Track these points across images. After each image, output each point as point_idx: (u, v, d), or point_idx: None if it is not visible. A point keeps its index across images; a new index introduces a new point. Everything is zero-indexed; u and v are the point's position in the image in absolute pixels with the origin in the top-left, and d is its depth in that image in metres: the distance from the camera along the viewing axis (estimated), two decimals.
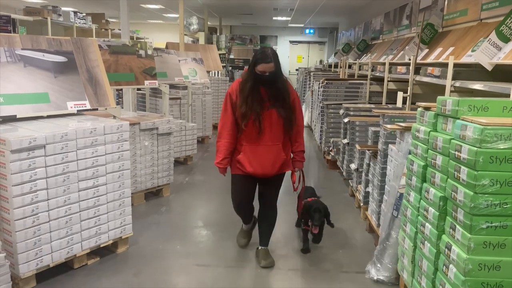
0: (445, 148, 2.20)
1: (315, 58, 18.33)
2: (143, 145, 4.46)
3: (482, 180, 1.92)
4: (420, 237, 2.48)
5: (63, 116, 3.32)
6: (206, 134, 7.82)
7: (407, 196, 2.71)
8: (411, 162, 2.64)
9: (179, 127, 5.91)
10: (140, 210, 4.35)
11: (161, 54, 6.14)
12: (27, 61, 3.07)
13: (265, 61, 2.92)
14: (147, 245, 3.60)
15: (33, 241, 2.78)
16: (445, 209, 2.21)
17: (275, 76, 2.97)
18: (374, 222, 3.73)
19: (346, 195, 5.08)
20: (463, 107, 2.12)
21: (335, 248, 3.67)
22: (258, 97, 3.00)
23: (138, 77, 4.58)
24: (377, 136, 4.03)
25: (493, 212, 1.94)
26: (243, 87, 3.01)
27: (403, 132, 3.08)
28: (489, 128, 1.91)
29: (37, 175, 2.75)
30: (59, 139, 2.84)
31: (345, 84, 6.64)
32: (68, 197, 2.95)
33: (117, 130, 3.23)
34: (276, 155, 3.08)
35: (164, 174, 4.78)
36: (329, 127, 6.38)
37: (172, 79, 6.24)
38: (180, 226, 4.04)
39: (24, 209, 2.70)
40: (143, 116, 4.82)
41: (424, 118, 2.55)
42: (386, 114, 3.73)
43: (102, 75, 3.47)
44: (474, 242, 1.96)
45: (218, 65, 9.73)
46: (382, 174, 3.55)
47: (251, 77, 2.99)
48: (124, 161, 3.32)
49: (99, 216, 3.19)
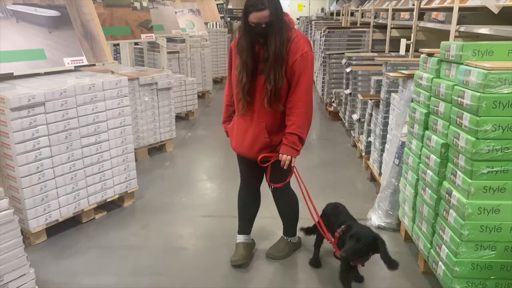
0: (448, 94, 2.17)
1: (317, 6, 17.78)
2: (143, 100, 4.43)
3: (484, 125, 1.91)
4: (421, 184, 2.51)
5: (61, 73, 3.28)
6: (206, 89, 7.74)
7: (409, 144, 2.71)
8: (414, 110, 2.62)
9: (178, 82, 5.84)
10: (144, 165, 4.40)
11: (156, 6, 5.95)
12: (20, 16, 2.99)
13: (257, 8, 2.16)
14: (153, 198, 3.67)
15: (40, 197, 2.83)
16: (447, 155, 2.22)
17: (272, 29, 2.19)
18: (376, 171, 3.77)
19: (348, 146, 5.11)
20: (468, 51, 2.07)
21: (336, 196, 3.72)
22: (251, 58, 2.29)
23: (134, 30, 4.46)
24: (379, 85, 3.98)
25: (494, 157, 1.94)
26: (238, 45, 2.32)
27: (406, 80, 3.03)
28: (493, 72, 1.87)
29: (39, 133, 2.75)
30: (58, 96, 2.82)
31: (348, 32, 6.48)
32: (71, 153, 2.97)
33: (116, 86, 3.19)
34: (256, 135, 2.39)
35: (166, 130, 4.79)
36: (331, 78, 6.29)
37: (169, 32, 6.08)
38: (185, 180, 4.10)
39: (28, 167, 2.73)
40: (141, 71, 4.75)
41: (427, 64, 2.50)
42: (389, 62, 3.67)
43: (97, 29, 3.38)
44: (474, 187, 1.98)
45: (216, 16, 9.44)
46: (384, 123, 3.54)
47: (244, 31, 2.27)
48: (125, 117, 3.31)
49: (104, 172, 3.23)
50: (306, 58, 2.28)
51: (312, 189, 3.79)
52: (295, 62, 2.27)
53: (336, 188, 3.88)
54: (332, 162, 4.60)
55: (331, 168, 4.42)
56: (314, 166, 4.42)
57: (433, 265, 2.31)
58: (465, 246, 2.04)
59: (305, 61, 2.28)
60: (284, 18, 2.27)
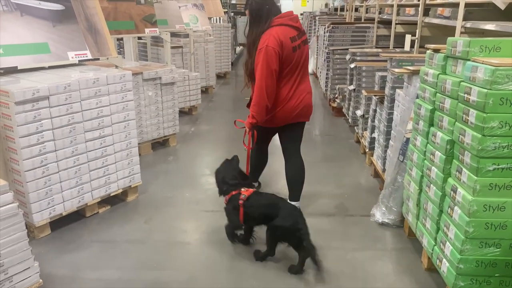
0: (454, 91, 2.16)
1: (321, 1, 17.69)
2: (147, 95, 4.42)
3: (491, 122, 1.90)
4: (425, 181, 2.50)
5: (65, 67, 3.28)
6: (210, 84, 7.73)
7: (414, 140, 2.70)
8: (419, 106, 2.61)
9: (182, 77, 5.83)
10: (148, 160, 4.40)
11: (160, 1, 5.93)
12: (24, 9, 2.98)
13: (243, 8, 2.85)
14: (156, 193, 3.68)
15: (44, 191, 2.84)
16: (452, 152, 2.21)
17: (250, 24, 2.92)
18: (380, 167, 3.76)
19: (352, 142, 5.10)
20: (474, 47, 2.06)
21: (340, 192, 3.73)
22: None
23: (138, 25, 4.45)
24: (384, 81, 3.96)
25: (500, 154, 1.93)
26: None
27: (411, 76, 3.02)
28: (500, 69, 1.85)
29: (43, 127, 2.75)
30: (62, 90, 2.81)
31: (352, 28, 6.45)
32: (75, 147, 2.97)
33: (120, 80, 3.19)
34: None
35: (170, 124, 4.79)
36: (335, 73, 6.27)
37: (173, 26, 6.07)
38: (188, 175, 4.10)
39: (33, 160, 2.73)
40: (145, 65, 4.74)
41: (433, 60, 2.49)
42: (394, 58, 3.65)
43: (101, 23, 3.37)
44: (480, 184, 1.97)
45: (220, 11, 9.41)
46: (389, 119, 3.52)
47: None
48: (129, 111, 3.31)
49: (108, 166, 3.24)
50: (260, 52, 2.79)
51: (315, 184, 3.81)
52: (256, 53, 2.82)
53: (339, 184, 3.88)
54: (335, 158, 4.59)
55: (334, 163, 4.41)
56: (317, 161, 4.42)
57: (437, 262, 2.31)
58: (470, 243, 2.03)
59: (259, 54, 2.79)
60: (260, 17, 2.86)
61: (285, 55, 2.82)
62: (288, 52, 2.83)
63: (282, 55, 2.81)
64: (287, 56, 2.83)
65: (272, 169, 3.87)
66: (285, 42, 2.80)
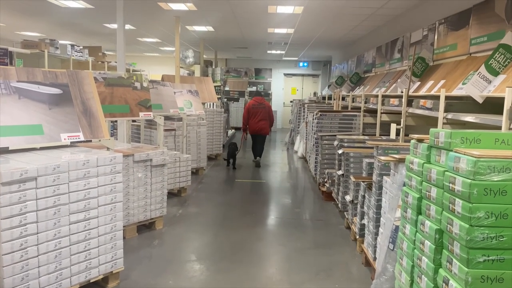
0: (439, 180, 2.19)
1: (309, 90, 18.57)
2: (137, 176, 4.42)
3: (477, 212, 1.90)
4: (417, 271, 2.43)
5: (57, 148, 3.30)
6: (200, 165, 7.79)
7: (403, 228, 2.68)
8: (406, 194, 2.63)
9: (173, 159, 5.88)
10: (132, 244, 4.26)
11: (156, 86, 6.19)
12: (22, 93, 3.08)
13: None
14: (138, 280, 3.51)
15: (20, 277, 2.69)
16: (441, 242, 2.18)
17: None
18: (371, 255, 3.67)
19: (342, 228, 5.03)
20: (456, 139, 2.13)
21: (331, 282, 3.59)
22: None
23: (133, 109, 4.59)
24: (371, 168, 4.03)
25: (489, 245, 1.91)
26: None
27: (397, 164, 3.08)
28: (482, 160, 1.91)
29: (27, 208, 2.70)
30: (51, 171, 2.81)
31: (339, 115, 6.70)
32: (58, 230, 2.89)
33: (110, 162, 3.21)
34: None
35: (157, 207, 4.72)
36: (323, 158, 6.38)
37: (167, 110, 6.27)
38: (173, 260, 3.96)
39: (12, 243, 2.64)
40: (137, 147, 4.80)
41: (417, 150, 2.56)
42: (380, 146, 3.75)
43: (96, 106, 3.48)
44: (471, 276, 1.92)
45: (214, 97, 9.81)
46: (378, 206, 3.52)
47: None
48: (117, 194, 3.28)
49: (90, 250, 3.12)
50: (245, 107, 8.97)
51: (305, 274, 3.68)
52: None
53: (329, 273, 3.75)
54: (325, 245, 4.49)
55: (324, 251, 4.31)
56: (306, 248, 4.31)
57: None
58: None
59: (245, 108, 8.91)
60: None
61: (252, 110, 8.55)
62: (254, 109, 8.52)
63: (251, 110, 8.59)
64: (253, 110, 8.57)
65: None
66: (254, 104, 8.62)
